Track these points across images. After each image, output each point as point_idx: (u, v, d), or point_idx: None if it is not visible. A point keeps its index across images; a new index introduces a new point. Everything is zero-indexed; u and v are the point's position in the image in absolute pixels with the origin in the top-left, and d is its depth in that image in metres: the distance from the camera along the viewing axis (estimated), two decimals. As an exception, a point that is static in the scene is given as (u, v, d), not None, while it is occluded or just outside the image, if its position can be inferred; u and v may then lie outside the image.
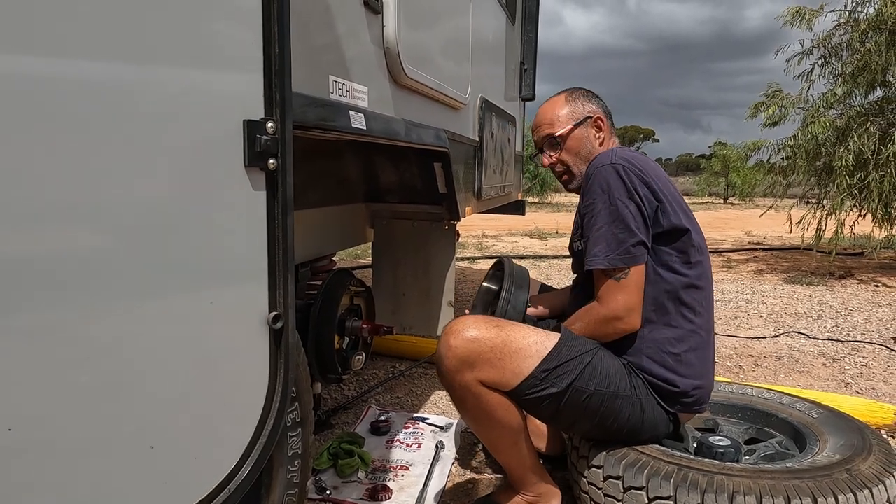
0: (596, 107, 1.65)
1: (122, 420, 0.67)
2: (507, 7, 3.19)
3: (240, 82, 0.76)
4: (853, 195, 5.62)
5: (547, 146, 1.66)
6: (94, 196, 0.62)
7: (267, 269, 0.79)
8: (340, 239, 2.40)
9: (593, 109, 1.64)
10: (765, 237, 9.78)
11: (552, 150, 1.65)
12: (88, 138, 0.60)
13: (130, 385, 0.68)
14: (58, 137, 0.58)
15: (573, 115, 1.63)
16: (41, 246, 0.58)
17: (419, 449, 2.00)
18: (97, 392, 0.64)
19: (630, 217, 1.41)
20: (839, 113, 5.94)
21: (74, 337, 0.61)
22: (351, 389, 2.61)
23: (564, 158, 1.64)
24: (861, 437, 1.54)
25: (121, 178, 0.64)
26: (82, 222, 0.61)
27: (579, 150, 1.62)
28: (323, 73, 1.24)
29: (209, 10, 0.73)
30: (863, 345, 3.39)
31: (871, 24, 5.47)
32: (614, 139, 1.68)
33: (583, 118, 1.62)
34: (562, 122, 1.63)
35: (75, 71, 0.59)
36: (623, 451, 1.46)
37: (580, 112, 1.63)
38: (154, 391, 0.70)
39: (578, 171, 1.63)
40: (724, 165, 26.69)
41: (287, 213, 0.79)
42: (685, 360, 1.48)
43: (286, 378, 0.81)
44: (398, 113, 1.67)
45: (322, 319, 1.85)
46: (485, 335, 1.41)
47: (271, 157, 0.78)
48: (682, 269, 1.47)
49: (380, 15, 1.50)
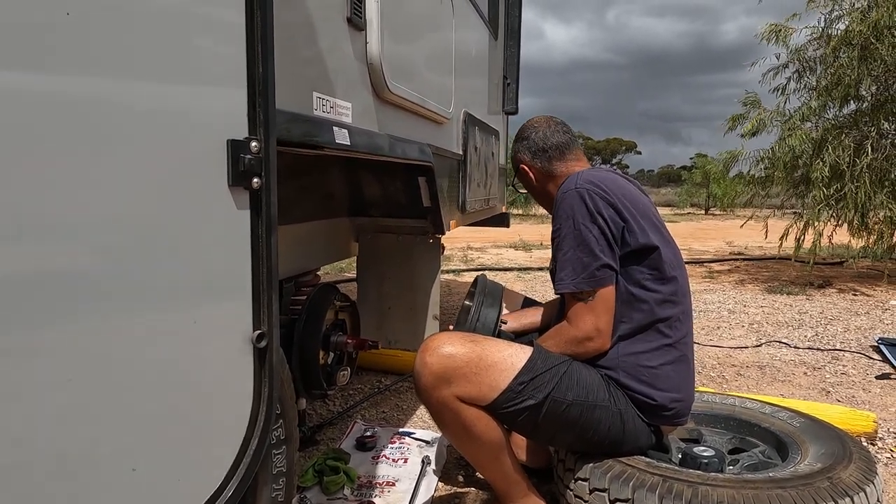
0: (524, 154, 1.76)
1: (104, 442, 0.66)
2: (489, 23, 3.23)
3: (224, 102, 0.76)
4: (830, 206, 5.73)
5: (515, 174, 1.85)
6: (77, 215, 0.61)
7: (251, 288, 0.79)
8: (325, 253, 2.40)
9: (520, 159, 1.77)
10: (745, 247, 9.91)
11: (518, 179, 1.86)
12: (71, 158, 0.60)
13: (112, 406, 0.67)
14: (41, 156, 0.57)
15: (514, 166, 1.83)
16: (22, 264, 0.57)
17: (405, 464, 1.99)
18: (77, 413, 0.63)
19: (594, 241, 1.44)
20: (814, 125, 6.07)
21: (56, 357, 0.61)
22: (336, 405, 2.59)
23: (529, 188, 1.81)
24: (841, 445, 1.57)
25: (104, 198, 0.64)
26: (65, 241, 0.61)
27: (530, 191, 1.82)
28: (307, 89, 1.25)
29: (193, 30, 0.73)
30: (842, 353, 3.44)
31: (842, 40, 5.61)
32: (570, 164, 1.70)
33: (517, 169, 1.80)
34: (517, 158, 1.80)
35: (61, 89, 0.59)
36: (608, 462, 1.47)
37: (516, 162, 1.80)
38: (136, 412, 0.70)
39: (540, 202, 1.82)
40: (705, 177, 27.05)
41: (271, 231, 0.79)
42: (662, 373, 1.49)
43: (270, 396, 0.80)
44: (382, 128, 1.68)
45: (306, 335, 1.84)
46: (460, 351, 1.42)
47: (255, 176, 0.78)
48: (655, 286, 1.49)
49: (363, 31, 1.51)
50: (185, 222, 0.72)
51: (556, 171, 1.70)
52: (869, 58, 5.45)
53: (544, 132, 1.72)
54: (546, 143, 1.70)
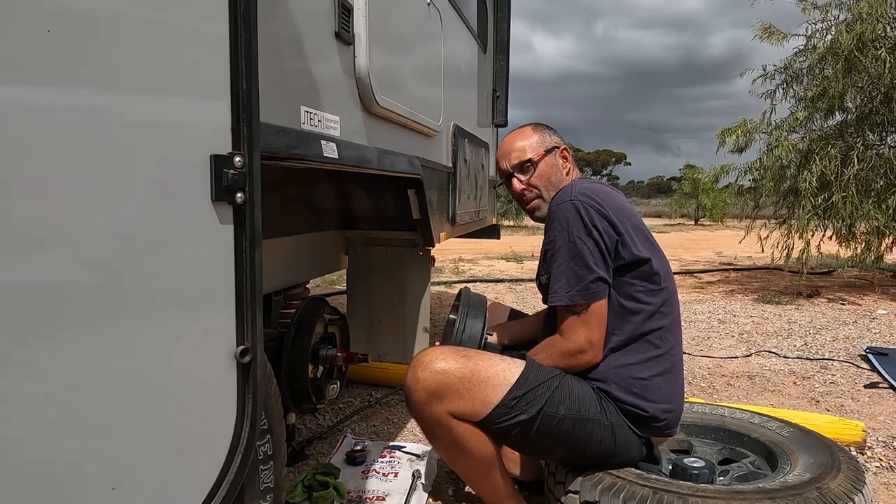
0: (560, 139, 1.71)
1: (83, 460, 0.65)
2: (478, 37, 3.26)
3: (207, 117, 0.76)
4: (818, 216, 5.78)
5: (518, 171, 1.66)
6: (59, 230, 0.61)
7: (235, 303, 0.78)
8: (314, 266, 2.39)
9: (559, 141, 1.70)
10: (735, 257, 9.98)
11: (523, 175, 1.65)
12: (54, 173, 0.60)
13: (92, 423, 0.66)
14: (23, 171, 0.57)
15: (543, 143, 1.67)
16: (2, 279, 0.56)
17: (395, 478, 1.97)
18: (56, 430, 0.62)
19: (588, 254, 1.44)
20: (801, 136, 6.14)
21: (37, 372, 0.60)
22: (326, 419, 2.57)
23: (535, 183, 1.64)
24: (830, 455, 1.57)
25: (87, 212, 0.63)
26: (47, 256, 0.60)
27: (550, 177, 1.64)
28: (294, 103, 1.25)
29: (177, 45, 0.73)
30: (831, 363, 3.46)
31: (828, 51, 5.70)
32: (576, 171, 1.72)
33: (552, 146, 1.67)
34: (533, 148, 1.65)
35: (45, 103, 0.59)
36: (599, 475, 1.46)
37: (549, 141, 1.68)
38: (117, 428, 0.69)
39: (548, 197, 1.63)
40: (695, 188, 27.28)
41: (255, 246, 0.79)
42: (653, 385, 1.49)
43: (254, 412, 0.80)
44: (370, 141, 1.68)
45: (296, 349, 1.83)
46: (452, 366, 1.41)
47: (239, 191, 0.78)
48: (647, 298, 1.49)
49: (351, 46, 1.52)
50: (168, 237, 0.72)
51: (574, 168, 1.70)
52: (853, 70, 5.54)
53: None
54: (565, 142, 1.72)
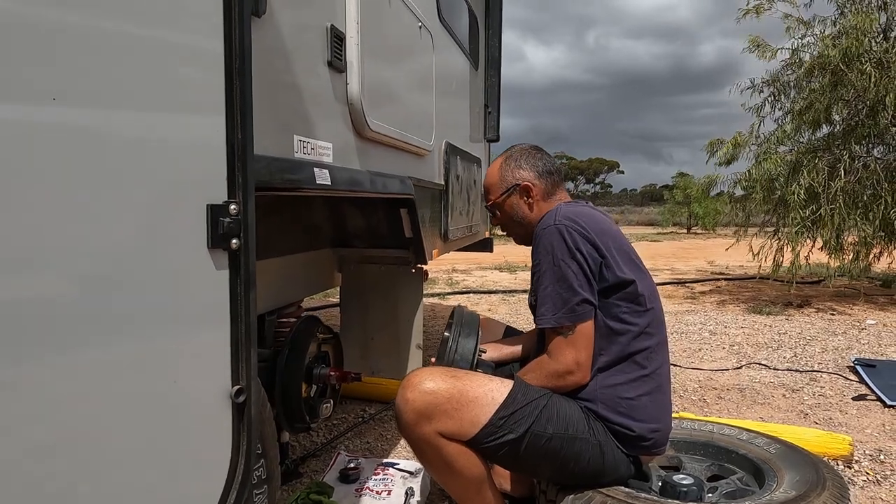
0: (527, 171, 1.71)
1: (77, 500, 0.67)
2: (470, 55, 3.30)
3: (203, 167, 0.79)
4: (807, 227, 5.85)
5: (489, 210, 1.81)
6: (56, 277, 0.63)
7: (229, 345, 0.81)
8: (308, 285, 2.41)
9: (521, 176, 1.71)
10: (727, 267, 10.05)
11: (492, 214, 1.80)
12: (54, 224, 0.62)
13: (88, 461, 0.68)
14: (22, 220, 0.59)
15: (503, 184, 1.73)
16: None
17: (389, 496, 1.98)
18: (62, 461, 0.64)
19: (573, 276, 1.47)
20: (789, 149, 6.23)
21: (36, 421, 0.62)
22: (320, 436, 2.58)
23: (502, 221, 1.77)
24: (816, 471, 1.60)
25: (84, 259, 0.65)
26: (43, 305, 0.62)
27: (512, 216, 1.73)
28: (288, 133, 1.27)
29: (173, 100, 0.76)
30: (820, 374, 3.50)
31: (814, 64, 5.79)
32: (561, 193, 1.74)
33: (511, 186, 1.71)
34: (494, 191, 1.75)
35: (43, 153, 0.61)
36: (589, 493, 1.48)
37: (509, 181, 1.72)
38: (113, 468, 0.70)
39: (516, 233, 1.76)
40: (687, 196, 27.45)
41: (249, 289, 0.81)
42: (639, 404, 1.52)
43: (249, 448, 0.82)
44: (363, 165, 1.71)
45: (289, 369, 1.84)
46: (441, 387, 1.43)
47: (234, 237, 0.80)
48: (632, 319, 1.53)
49: (343, 73, 1.55)
50: (166, 283, 0.74)
51: (554, 195, 1.72)
52: (840, 83, 5.63)
53: (546, 158, 1.75)
54: (553, 167, 1.73)
